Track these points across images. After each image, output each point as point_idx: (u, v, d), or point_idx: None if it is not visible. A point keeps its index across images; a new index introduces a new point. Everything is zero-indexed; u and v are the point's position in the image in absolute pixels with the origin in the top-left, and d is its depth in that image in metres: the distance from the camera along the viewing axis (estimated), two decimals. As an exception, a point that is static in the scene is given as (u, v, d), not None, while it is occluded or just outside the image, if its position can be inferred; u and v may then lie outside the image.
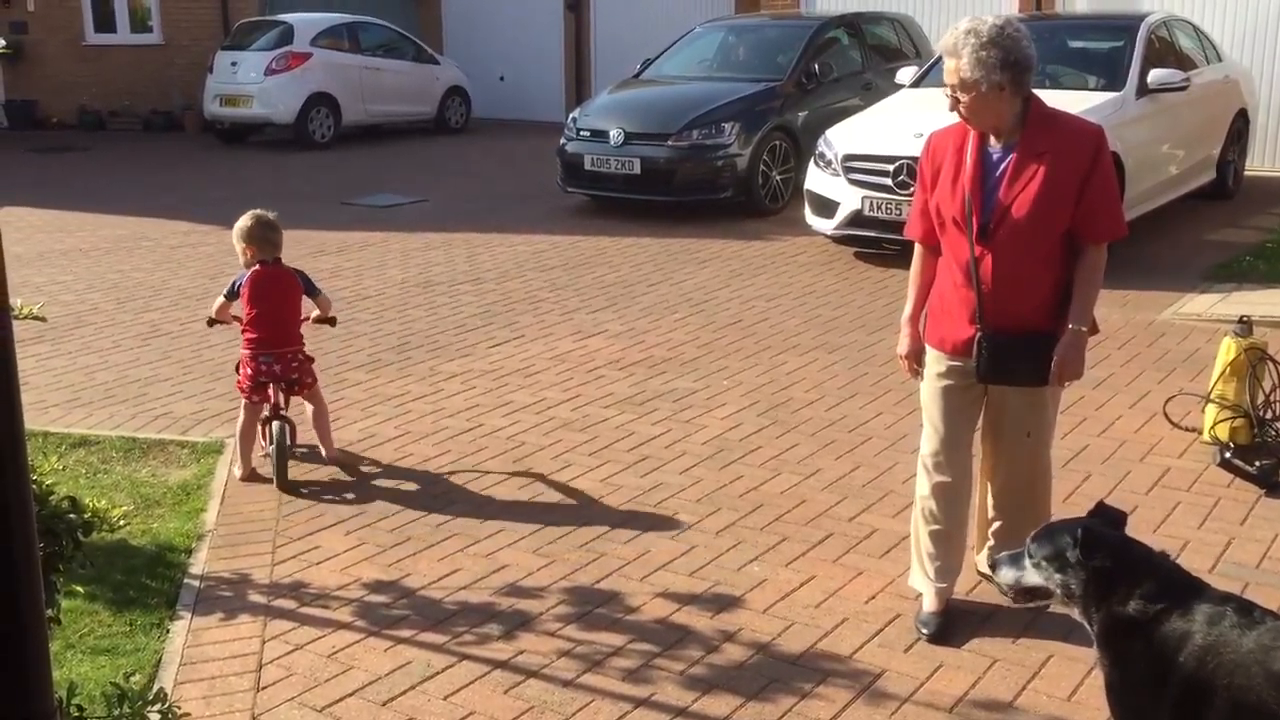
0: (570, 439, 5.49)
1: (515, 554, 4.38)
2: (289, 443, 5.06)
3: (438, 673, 3.61)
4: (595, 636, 3.81)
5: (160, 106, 18.51)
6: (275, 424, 5.02)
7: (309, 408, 5.32)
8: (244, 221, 5.19)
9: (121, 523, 4.31)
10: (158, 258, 9.48)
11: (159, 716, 2.67)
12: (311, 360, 5.34)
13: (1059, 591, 2.73)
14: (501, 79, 19.04)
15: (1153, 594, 2.60)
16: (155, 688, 2.84)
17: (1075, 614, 2.75)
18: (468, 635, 3.83)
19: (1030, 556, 2.78)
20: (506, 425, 5.69)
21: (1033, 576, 2.78)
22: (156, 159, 15.35)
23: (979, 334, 3.58)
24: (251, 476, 5.07)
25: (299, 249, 9.62)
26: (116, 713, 2.62)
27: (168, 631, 3.87)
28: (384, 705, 3.45)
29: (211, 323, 5.36)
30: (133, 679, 2.82)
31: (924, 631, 3.77)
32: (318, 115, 15.91)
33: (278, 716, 3.41)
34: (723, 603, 4.00)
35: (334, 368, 6.61)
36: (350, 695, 3.51)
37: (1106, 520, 2.80)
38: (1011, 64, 3.43)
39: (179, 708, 2.77)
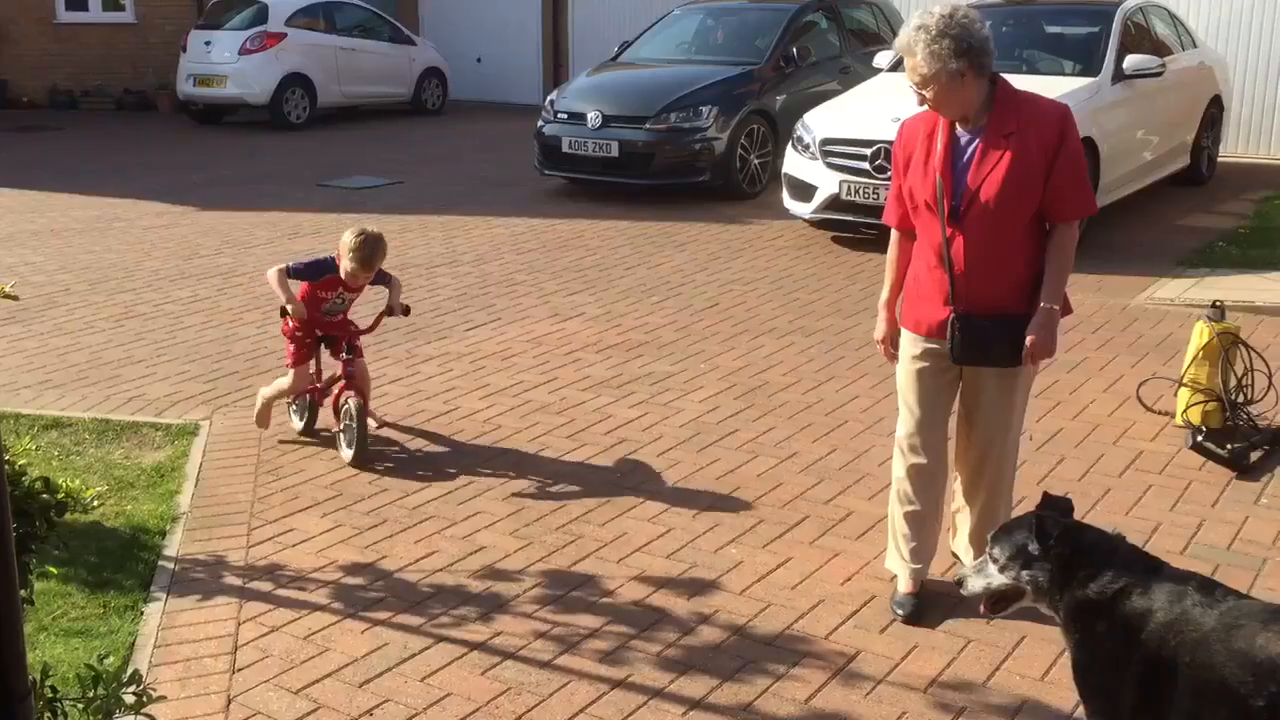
0: (547, 421, 5.49)
1: (492, 536, 4.38)
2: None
3: (415, 654, 3.61)
4: (572, 618, 3.82)
5: (133, 86, 18.33)
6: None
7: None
8: (351, 240, 5.00)
9: (95, 504, 4.30)
10: (131, 239, 9.40)
11: (133, 698, 2.66)
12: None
13: (1028, 587, 2.76)
14: (479, 61, 18.94)
15: (1111, 574, 2.65)
16: (130, 669, 2.82)
17: (1043, 607, 2.79)
18: (444, 617, 3.83)
19: (994, 560, 2.81)
20: (483, 408, 5.68)
21: (1000, 579, 2.81)
22: (129, 140, 15.20)
23: (952, 316, 3.60)
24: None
25: (274, 231, 9.57)
26: (90, 694, 2.61)
27: (142, 614, 3.85)
28: (360, 687, 3.45)
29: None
30: (107, 661, 2.80)
31: (899, 612, 3.80)
32: (293, 96, 15.78)
33: (254, 698, 3.40)
34: (699, 585, 4.01)
35: (310, 350, 6.57)
36: (327, 677, 3.50)
37: (1055, 509, 2.84)
38: (966, 51, 3.45)
39: (154, 690, 2.76)
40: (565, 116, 10.97)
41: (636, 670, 3.53)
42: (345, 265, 5.01)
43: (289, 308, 5.04)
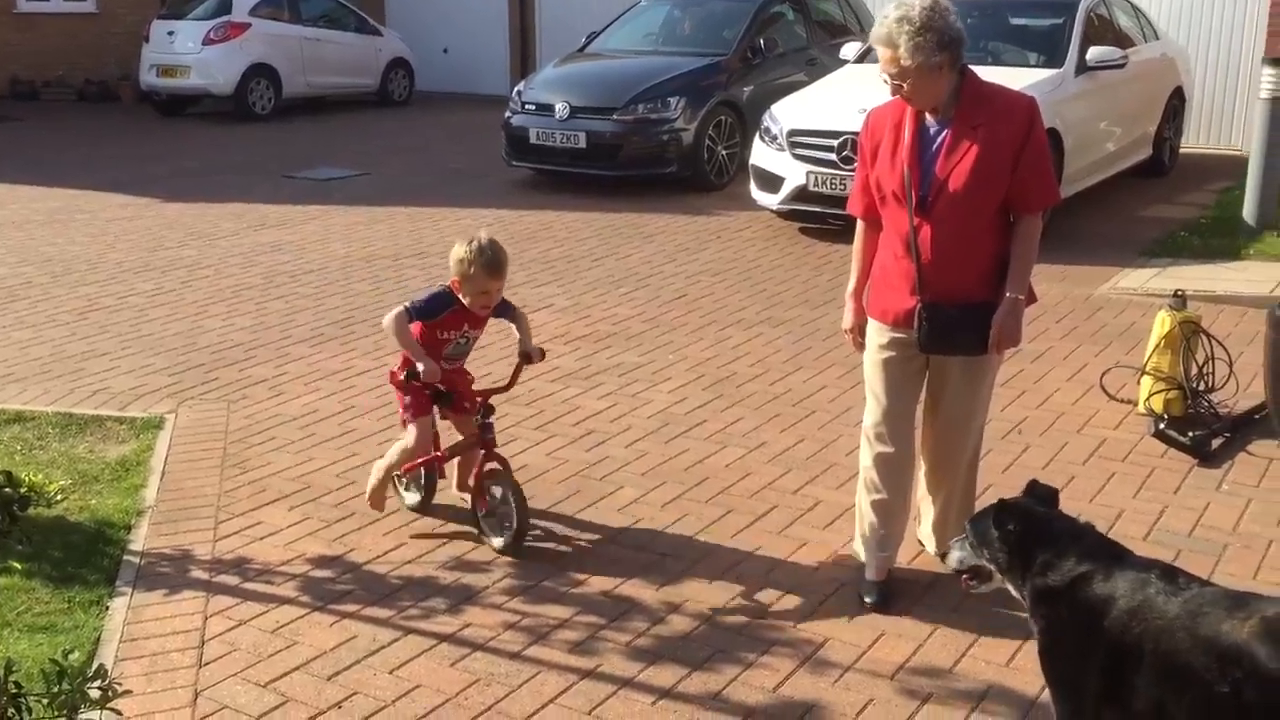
0: (516, 413, 5.48)
1: (461, 528, 4.37)
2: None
3: (383, 647, 3.61)
4: (541, 609, 3.82)
5: (95, 77, 18.09)
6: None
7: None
8: (468, 249, 4.12)
9: (59, 498, 4.27)
10: (94, 230, 9.29)
11: (99, 693, 2.64)
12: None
13: (993, 568, 2.83)
14: (445, 51, 18.83)
15: (1073, 561, 2.69)
16: (95, 665, 2.81)
17: (1012, 589, 2.84)
18: (413, 609, 3.82)
19: (969, 538, 2.90)
20: (452, 400, 5.66)
21: (972, 557, 2.89)
22: (92, 130, 15.01)
23: (920, 305, 3.63)
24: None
25: (239, 223, 9.49)
26: (55, 690, 2.60)
27: (107, 609, 3.82)
28: (329, 680, 3.44)
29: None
30: (71, 656, 2.79)
31: (867, 600, 3.83)
32: (257, 87, 15.64)
33: (221, 692, 3.39)
34: (668, 574, 4.02)
35: (275, 342, 6.54)
36: (295, 670, 3.49)
37: (1038, 496, 2.90)
38: (948, 43, 3.48)
39: (119, 684, 2.74)
40: (533, 107, 10.94)
41: (606, 660, 3.54)
42: (471, 286, 4.10)
43: (422, 368, 4.03)
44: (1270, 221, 8.28)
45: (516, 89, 11.56)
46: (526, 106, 11.00)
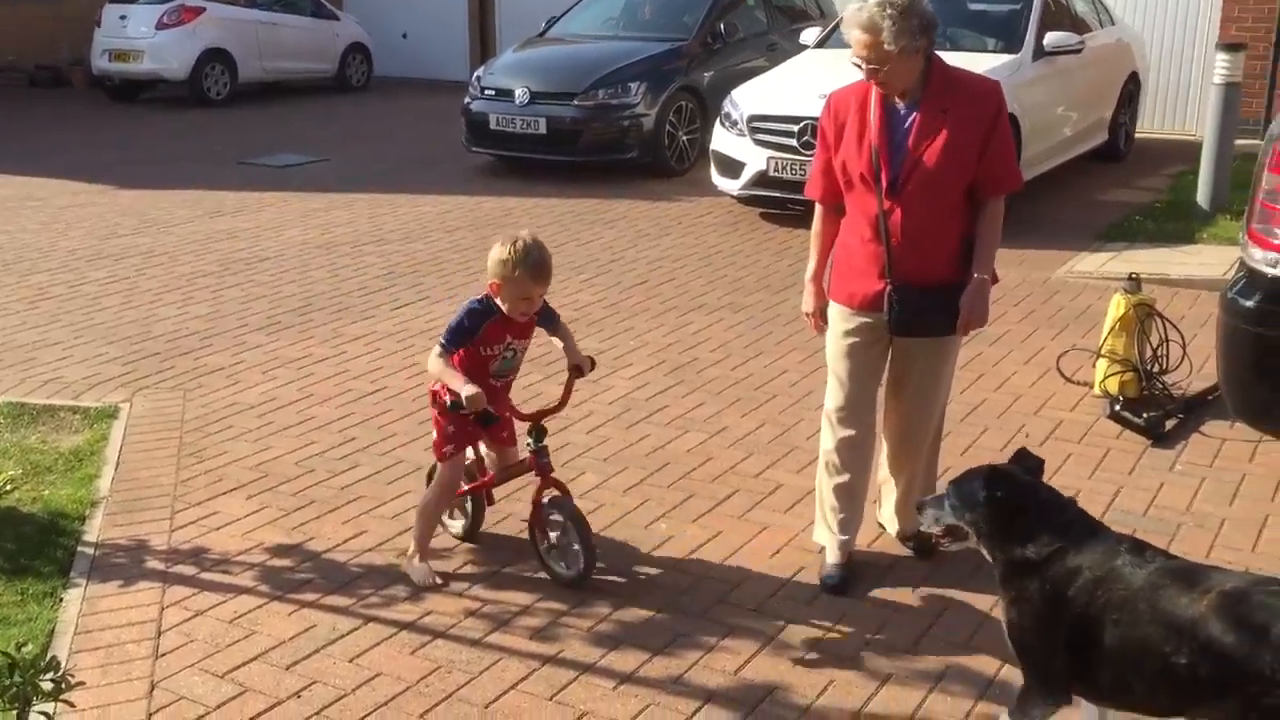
0: (477, 400, 5.45)
1: (421, 515, 4.35)
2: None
3: (343, 635, 3.58)
4: (503, 595, 3.81)
5: (46, 62, 17.76)
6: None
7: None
8: (509, 251, 3.71)
9: (10, 489, 4.22)
10: (45, 218, 9.14)
11: (52, 686, 2.61)
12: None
13: (970, 530, 2.86)
14: (404, 36, 18.67)
15: (1051, 535, 2.72)
16: (48, 657, 2.77)
17: (985, 553, 2.86)
18: (374, 597, 3.80)
19: (949, 498, 2.92)
20: (412, 387, 5.62)
21: (949, 517, 2.91)
22: (43, 117, 14.76)
23: (889, 287, 3.64)
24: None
25: (194, 209, 9.37)
26: (7, 682, 2.56)
27: (61, 600, 3.77)
28: (288, 669, 3.41)
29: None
30: (25, 649, 2.74)
31: (828, 583, 3.85)
32: (212, 72, 15.44)
33: (177, 683, 3.35)
34: (630, 559, 4.02)
35: (232, 330, 6.47)
36: (253, 660, 3.46)
37: (1025, 465, 2.93)
38: (927, 27, 3.51)
39: (73, 677, 2.71)
40: (492, 93, 10.87)
41: (568, 646, 3.54)
42: (513, 290, 3.71)
43: (466, 394, 3.60)
44: (1223, 205, 8.39)
45: (476, 74, 11.48)
46: (486, 92, 10.93)
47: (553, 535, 3.86)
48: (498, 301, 3.75)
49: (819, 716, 3.21)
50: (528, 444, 3.89)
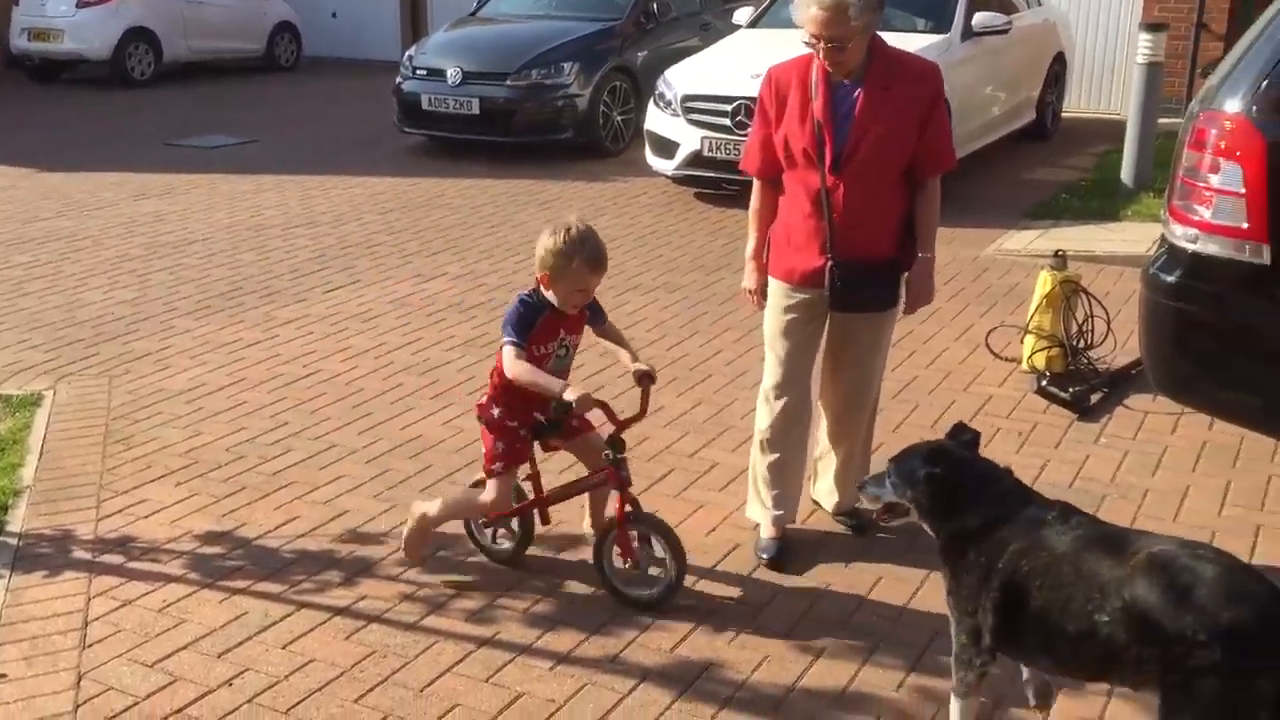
0: (411, 383, 5.42)
1: (356, 500, 4.32)
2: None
3: (275, 622, 3.55)
4: (438, 579, 3.79)
5: (-39, 41, 17.25)
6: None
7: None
8: (560, 241, 3.42)
9: (-73, 481, 4.10)
10: (-38, 202, 8.90)
11: (-27, 679, 2.55)
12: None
13: (911, 506, 2.91)
14: (334, 15, 18.37)
15: (986, 506, 2.78)
16: (-30, 651, 2.71)
17: (927, 527, 2.92)
18: (307, 583, 3.76)
19: (890, 476, 2.97)
20: (345, 370, 5.57)
21: (890, 495, 2.96)
22: (-42, 97, 14.35)
23: (830, 263, 3.67)
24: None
25: (119, 192, 9.17)
26: (-74, 678, 2.49)
27: (-16, 593, 3.69)
28: (219, 657, 3.37)
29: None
30: (-56, 643, 2.69)
31: (763, 557, 3.88)
32: (136, 51, 15.08)
33: (105, 674, 3.30)
34: (566, 541, 4.02)
35: (159, 315, 6.35)
36: (183, 649, 3.41)
37: (961, 440, 2.98)
38: (881, 3, 3.54)
39: (-4, 669, 2.65)
40: (424, 73, 10.75)
41: (504, 627, 3.54)
42: (569, 282, 3.44)
43: (571, 397, 3.35)
44: (1147, 183, 8.55)
45: (408, 54, 11.34)
46: (418, 72, 10.81)
47: (644, 558, 3.59)
48: (548, 295, 3.49)
49: (754, 691, 3.24)
50: (606, 455, 3.58)
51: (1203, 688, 2.40)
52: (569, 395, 3.33)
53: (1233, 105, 3.78)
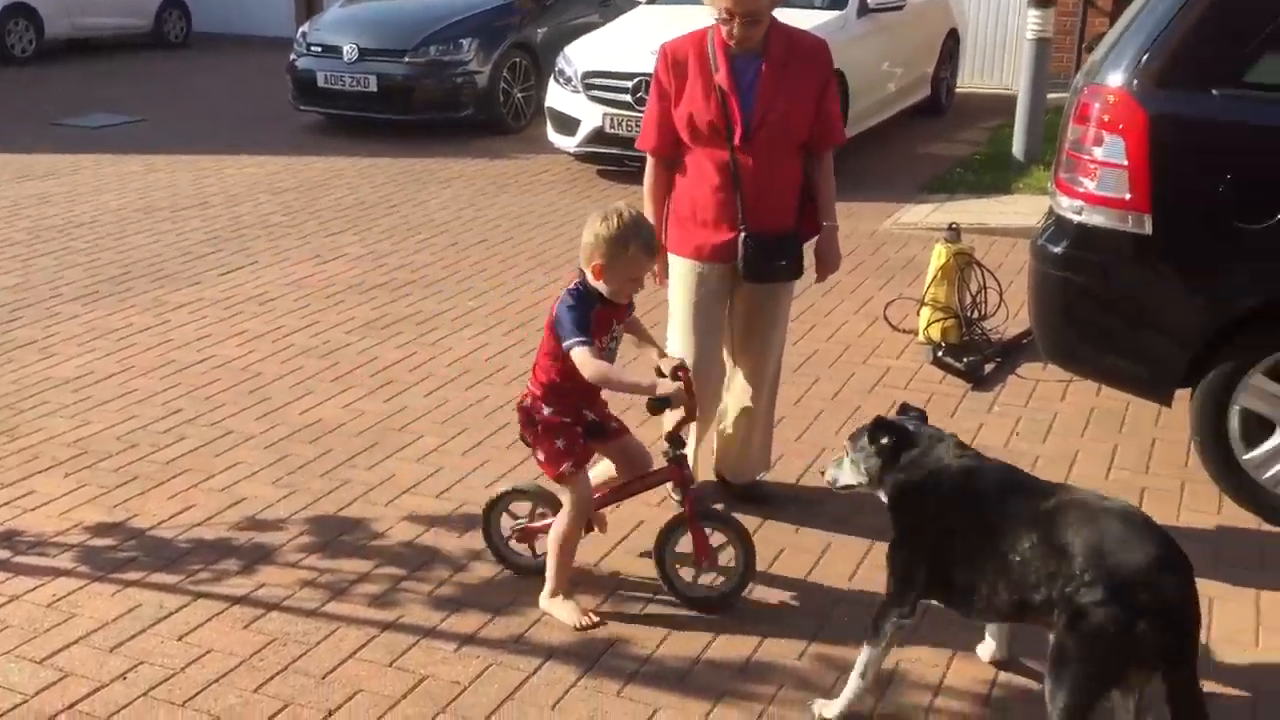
0: (310, 366, 5.32)
1: (253, 486, 4.23)
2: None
3: (170, 613, 3.46)
4: (340, 564, 3.75)
5: None
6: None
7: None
8: (612, 228, 3.24)
9: None
10: None
11: None
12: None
13: (866, 479, 3.05)
14: (225, -10, 17.88)
15: (930, 467, 2.92)
16: None
17: (881, 495, 3.05)
18: (203, 573, 3.68)
19: (848, 454, 3.10)
20: (241, 355, 5.45)
21: (849, 475, 3.09)
22: None
23: (743, 235, 3.70)
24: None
25: (0, 174, 8.84)
26: None
27: None
28: (112, 651, 3.28)
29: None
30: None
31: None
32: (15, 27, 14.50)
33: (-7, 673, 3.19)
34: (470, 522, 3.98)
35: (44, 301, 6.14)
36: (74, 644, 3.31)
37: (910, 417, 3.14)
38: None
39: None
40: (319, 50, 10.53)
41: (408, 611, 3.50)
42: (625, 270, 3.27)
43: (665, 391, 3.19)
44: (1036, 156, 8.76)
45: (302, 30, 11.10)
46: (313, 49, 10.59)
47: (712, 558, 3.46)
48: (598, 286, 3.31)
49: (659, 665, 3.26)
50: (665, 453, 3.43)
51: (1086, 626, 2.54)
52: (662, 390, 3.18)
53: (1115, 79, 3.89)
